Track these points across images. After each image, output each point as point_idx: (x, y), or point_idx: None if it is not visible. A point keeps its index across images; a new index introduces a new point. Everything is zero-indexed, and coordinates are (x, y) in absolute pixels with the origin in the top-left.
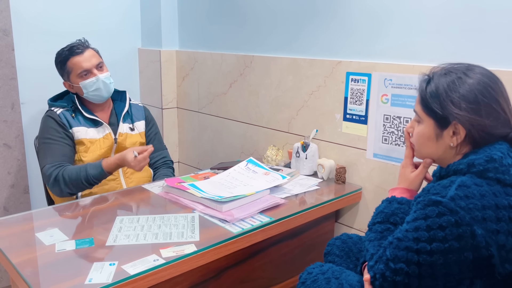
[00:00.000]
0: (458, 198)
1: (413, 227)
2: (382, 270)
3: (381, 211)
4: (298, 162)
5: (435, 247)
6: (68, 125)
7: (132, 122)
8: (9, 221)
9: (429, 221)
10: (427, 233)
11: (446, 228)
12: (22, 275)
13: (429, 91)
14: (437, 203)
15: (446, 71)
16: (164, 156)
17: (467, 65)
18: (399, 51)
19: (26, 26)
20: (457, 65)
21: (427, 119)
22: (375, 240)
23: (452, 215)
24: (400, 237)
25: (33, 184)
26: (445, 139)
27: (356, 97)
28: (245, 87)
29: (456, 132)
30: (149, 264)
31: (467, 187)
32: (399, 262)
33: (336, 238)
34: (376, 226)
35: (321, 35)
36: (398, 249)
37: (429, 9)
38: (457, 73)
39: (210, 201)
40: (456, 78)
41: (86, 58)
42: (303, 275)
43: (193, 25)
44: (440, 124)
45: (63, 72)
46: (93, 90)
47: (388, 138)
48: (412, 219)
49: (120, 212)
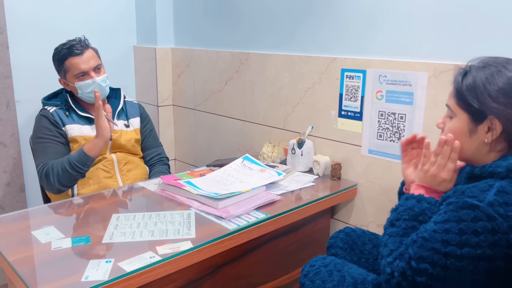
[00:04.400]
0: (497, 204)
1: (443, 228)
2: (403, 268)
3: (409, 208)
4: (294, 158)
5: (466, 252)
6: (61, 123)
7: (127, 118)
8: (5, 220)
9: (462, 224)
10: (459, 237)
11: (481, 234)
12: (19, 273)
13: (465, 83)
14: (473, 207)
15: (484, 64)
16: (159, 153)
17: (506, 59)
18: (394, 47)
19: (21, 24)
20: (495, 58)
21: (461, 113)
22: (396, 236)
23: (489, 222)
24: (427, 237)
25: (29, 183)
26: (479, 134)
27: (351, 93)
28: (241, 84)
29: (491, 128)
30: (145, 261)
31: (507, 194)
32: (424, 263)
33: (340, 231)
34: (400, 222)
35: (316, 32)
36: (424, 249)
37: (423, 5)
38: (496, 66)
39: (206, 198)
40: (495, 71)
41: (84, 59)
42: (306, 267)
43: (188, 22)
44: (475, 119)
45: (60, 70)
46: (88, 92)
47: (383, 134)
48: (442, 220)
49: (116, 210)
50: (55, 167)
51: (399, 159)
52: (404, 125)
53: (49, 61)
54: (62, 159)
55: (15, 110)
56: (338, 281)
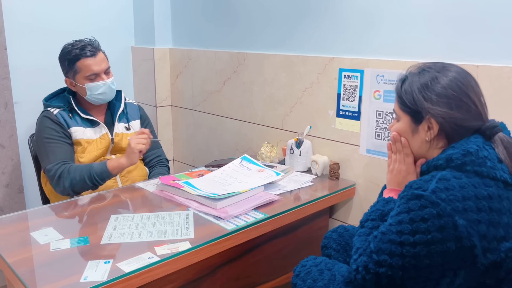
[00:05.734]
0: (438, 191)
1: (397, 221)
2: (365, 262)
3: (377, 209)
4: (292, 158)
5: (418, 238)
6: (66, 125)
7: (127, 121)
8: (4, 221)
9: (411, 214)
10: (410, 226)
11: (428, 220)
12: (18, 275)
13: (404, 89)
14: (419, 197)
15: (420, 70)
16: (159, 155)
17: (442, 64)
18: (391, 47)
19: (19, 25)
20: (432, 64)
21: (404, 115)
22: (363, 235)
23: (433, 207)
24: (384, 231)
25: (28, 184)
26: (420, 133)
27: (348, 93)
28: (239, 85)
29: (430, 127)
30: (144, 261)
31: (447, 180)
32: (383, 254)
33: (333, 231)
34: (368, 222)
35: (313, 32)
36: (382, 242)
37: (420, 5)
38: (430, 71)
39: (205, 199)
40: (428, 77)
41: (97, 61)
42: (297, 268)
43: (186, 23)
44: (415, 120)
45: (69, 70)
46: (98, 93)
47: (381, 134)
48: (395, 213)
49: (115, 211)
50: (72, 173)
51: None
52: None
53: (47, 62)
54: (82, 167)
55: (13, 111)
56: (328, 279)
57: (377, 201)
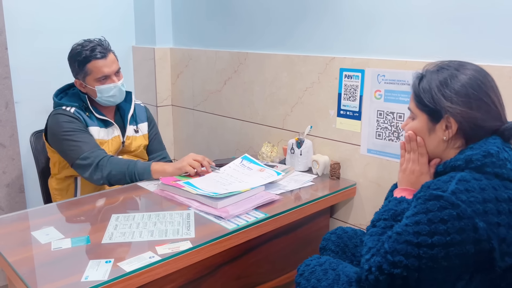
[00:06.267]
0: (459, 192)
1: (414, 221)
2: (379, 263)
3: (390, 209)
4: (293, 158)
5: (436, 240)
6: (85, 123)
7: (136, 124)
8: (4, 220)
9: (430, 215)
10: (428, 227)
11: (448, 221)
12: (19, 274)
13: (422, 86)
14: (438, 198)
15: (438, 67)
16: (164, 157)
17: (459, 62)
18: (392, 47)
19: (20, 25)
20: (449, 62)
21: (420, 114)
22: (375, 235)
23: (453, 209)
24: (399, 231)
25: (28, 183)
26: (437, 133)
27: (349, 93)
28: (240, 84)
29: (448, 126)
30: (145, 261)
31: (467, 182)
32: (398, 255)
33: (331, 233)
34: (380, 222)
35: (314, 32)
36: (397, 243)
37: (421, 5)
38: (449, 69)
39: (205, 198)
40: (448, 74)
41: (107, 63)
42: (301, 267)
43: (187, 23)
44: (433, 118)
45: (79, 72)
46: (108, 95)
47: (381, 134)
48: (412, 214)
49: (116, 210)
50: (114, 164)
51: (398, 158)
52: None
53: (48, 61)
54: (124, 162)
55: (14, 111)
56: (333, 279)
57: (389, 200)
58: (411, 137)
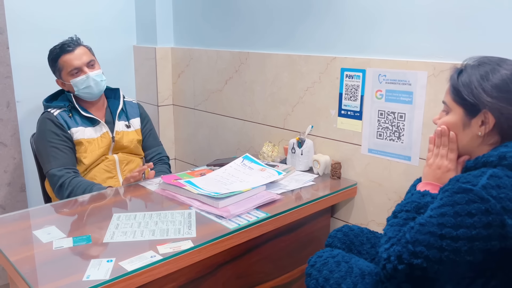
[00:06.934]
0: (489, 187)
1: (439, 213)
2: (399, 252)
3: (413, 201)
4: (294, 158)
5: (461, 233)
6: (66, 126)
7: (127, 119)
8: (6, 220)
9: (457, 207)
10: (454, 219)
11: (475, 215)
12: (20, 273)
13: (461, 80)
14: (467, 191)
15: (479, 62)
16: (159, 153)
17: (499, 57)
18: (393, 47)
19: (21, 24)
20: (490, 57)
21: (457, 107)
22: (396, 225)
23: (482, 203)
24: (423, 222)
25: (30, 182)
26: (472, 128)
27: (350, 93)
28: (241, 84)
29: (485, 121)
30: (146, 260)
31: (499, 178)
32: (420, 245)
33: (338, 230)
34: (402, 213)
35: (315, 32)
36: (420, 233)
37: (422, 5)
38: (490, 64)
39: (207, 198)
40: (489, 69)
41: (76, 56)
42: (313, 258)
43: (188, 22)
44: (470, 113)
45: (54, 70)
46: (83, 88)
47: (382, 134)
48: (437, 206)
49: (117, 209)
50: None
51: (398, 158)
52: (403, 124)
53: None
54: (83, 184)
55: (15, 110)
56: (346, 271)
57: (411, 193)
58: (443, 132)
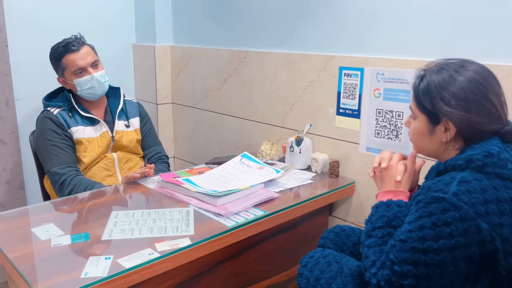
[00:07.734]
0: (460, 193)
1: (417, 226)
2: (387, 276)
3: (382, 215)
4: (292, 156)
5: (441, 244)
6: (66, 125)
7: (127, 119)
8: (5, 217)
9: (433, 218)
10: (433, 231)
11: (452, 224)
12: (19, 270)
13: (421, 88)
14: (440, 200)
15: (439, 67)
16: (158, 152)
17: (460, 61)
18: (391, 45)
19: (20, 22)
20: (451, 61)
21: (421, 115)
22: (375, 246)
23: (456, 211)
24: (404, 239)
25: (29, 180)
26: (437, 135)
27: (349, 91)
28: (240, 82)
29: (447, 129)
30: (144, 257)
31: (468, 182)
32: (406, 265)
33: (330, 231)
34: (376, 231)
35: (314, 30)
36: (403, 251)
37: (420, 4)
38: (449, 70)
39: (205, 196)
40: (447, 76)
41: (81, 56)
42: (305, 258)
43: (187, 21)
44: (432, 120)
45: (57, 68)
46: (87, 88)
47: (380, 132)
48: (414, 219)
49: (116, 207)
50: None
51: None
52: (401, 122)
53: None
54: (84, 182)
55: (14, 108)
56: (336, 271)
57: (376, 206)
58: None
